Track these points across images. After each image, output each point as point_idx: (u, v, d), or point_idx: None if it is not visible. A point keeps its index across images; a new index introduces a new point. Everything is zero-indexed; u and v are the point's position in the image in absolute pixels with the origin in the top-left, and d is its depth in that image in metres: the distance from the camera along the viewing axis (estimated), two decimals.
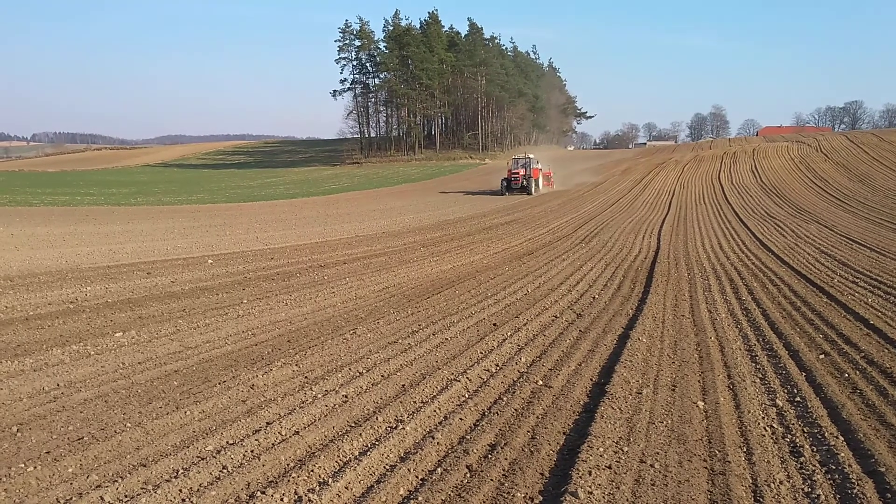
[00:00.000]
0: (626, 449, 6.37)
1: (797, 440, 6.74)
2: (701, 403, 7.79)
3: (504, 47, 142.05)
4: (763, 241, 24.60)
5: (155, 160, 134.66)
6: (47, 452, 6.30)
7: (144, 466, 5.94)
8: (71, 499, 5.38)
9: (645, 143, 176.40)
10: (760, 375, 8.94)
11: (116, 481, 5.63)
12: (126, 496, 5.41)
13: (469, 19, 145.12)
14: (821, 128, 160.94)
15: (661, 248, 22.92)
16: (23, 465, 5.99)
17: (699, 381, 8.65)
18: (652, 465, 6.08)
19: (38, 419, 7.15)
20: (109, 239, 23.49)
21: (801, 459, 6.29)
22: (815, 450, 6.51)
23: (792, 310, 12.92)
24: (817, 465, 6.19)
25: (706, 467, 6.12)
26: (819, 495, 5.60)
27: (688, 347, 10.27)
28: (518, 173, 54.64)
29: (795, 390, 8.27)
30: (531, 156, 58.52)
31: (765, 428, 7.09)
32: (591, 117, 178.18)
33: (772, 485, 5.78)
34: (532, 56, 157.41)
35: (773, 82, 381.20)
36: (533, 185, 54.19)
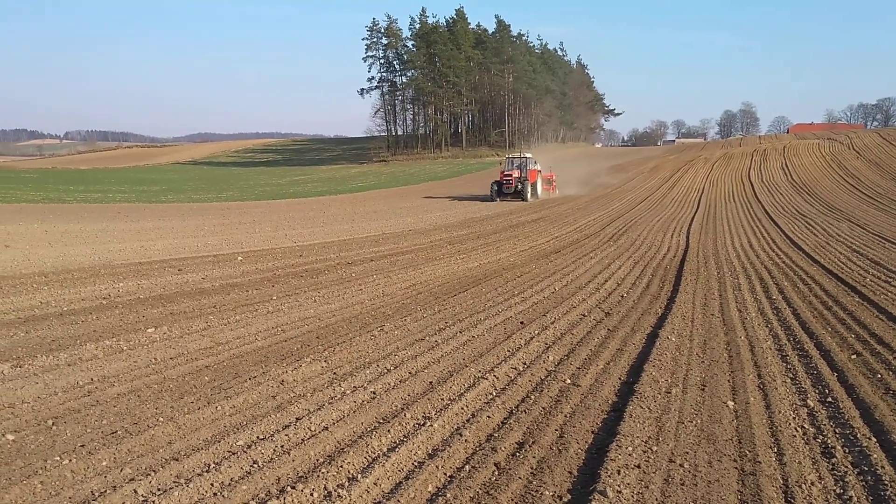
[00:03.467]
0: (655, 448, 6.34)
1: (829, 441, 6.66)
2: (731, 403, 7.72)
3: (531, 44, 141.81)
4: (794, 240, 24.30)
5: (185, 158, 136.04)
6: (82, 446, 6.40)
7: (177, 460, 6.02)
8: (105, 492, 5.45)
9: (674, 141, 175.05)
10: (791, 375, 8.84)
11: (149, 475, 5.71)
12: (159, 489, 5.48)
13: (496, 16, 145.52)
14: (853, 125, 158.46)
15: (690, 246, 22.73)
16: (58, 458, 6.09)
17: (729, 381, 8.58)
18: (681, 465, 6.04)
19: (73, 413, 7.27)
20: (141, 236, 23.79)
21: (833, 460, 6.22)
22: (847, 451, 6.43)
23: (823, 309, 12.75)
24: (849, 466, 6.11)
25: (736, 467, 6.07)
26: (851, 497, 5.54)
27: (717, 347, 10.18)
28: (511, 175, 46.96)
29: (827, 391, 8.17)
30: (528, 155, 51.03)
31: (796, 428, 7.02)
32: (619, 114, 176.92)
33: (803, 486, 5.73)
34: (560, 53, 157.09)
35: (804, 79, 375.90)
36: (529, 189, 46.52)
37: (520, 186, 46.32)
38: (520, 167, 47.99)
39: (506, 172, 47.57)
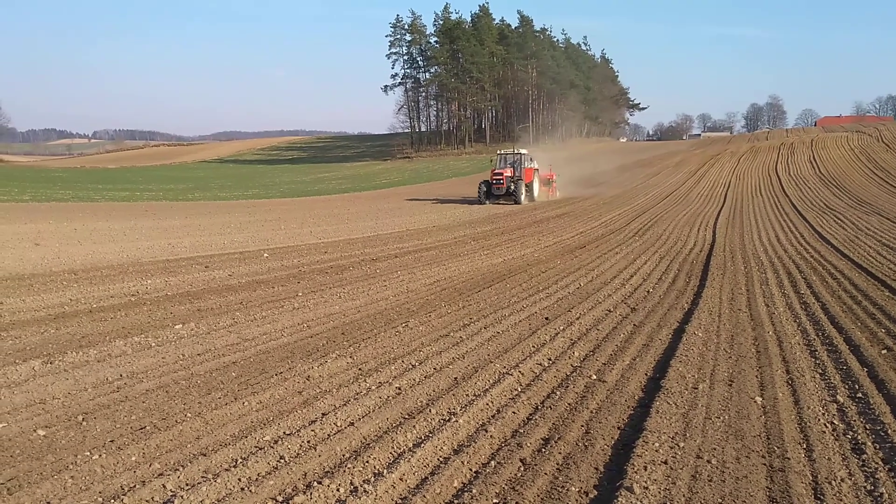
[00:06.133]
0: (682, 444, 6.29)
1: (859, 437, 6.57)
2: (759, 399, 7.65)
3: (555, 39, 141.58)
4: (822, 234, 24.04)
5: (211, 156, 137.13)
6: (111, 441, 6.47)
7: (204, 455, 6.07)
8: (134, 486, 5.51)
9: (699, 135, 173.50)
10: (820, 371, 8.74)
11: (178, 469, 5.76)
12: (187, 484, 5.53)
13: (519, 11, 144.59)
14: (882, 117, 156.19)
15: (716, 240, 22.55)
16: (88, 453, 6.16)
17: (757, 377, 8.49)
18: (709, 461, 5.99)
19: (102, 409, 7.34)
20: (168, 233, 24.02)
21: (864, 457, 6.13)
22: (877, 447, 6.34)
23: (853, 304, 12.59)
24: (880, 462, 6.03)
25: (765, 464, 6.01)
26: (882, 493, 5.46)
27: (745, 342, 10.08)
28: (502, 175, 40.32)
29: (857, 386, 8.06)
30: (524, 151, 44.04)
31: (825, 424, 6.93)
32: (644, 108, 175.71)
33: (833, 482, 5.66)
34: (584, 47, 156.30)
35: (832, 71, 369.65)
36: (523, 190, 40.34)
37: (512, 187, 40.30)
38: (513, 165, 41.90)
39: (496, 171, 41.16)
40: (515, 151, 43.82)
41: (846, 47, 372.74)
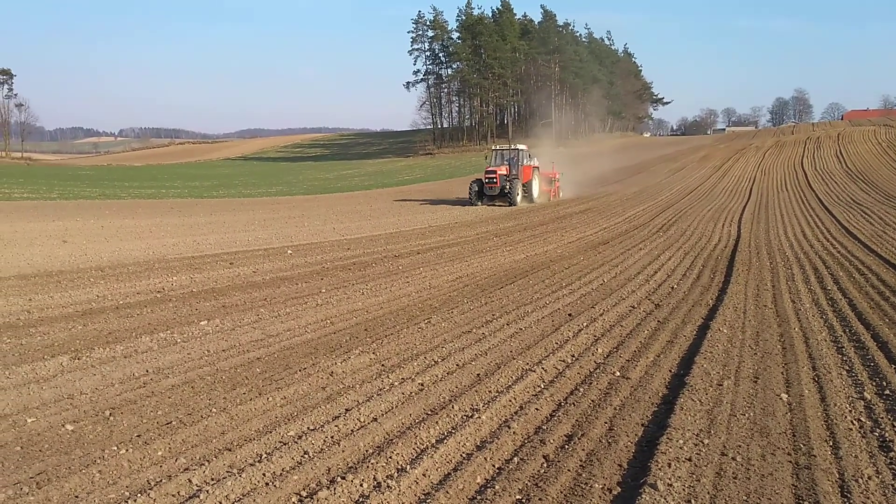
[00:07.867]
0: (706, 441, 6.25)
1: (886, 434, 6.49)
2: (785, 396, 7.58)
3: (578, 34, 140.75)
4: (849, 229, 23.73)
5: (235, 154, 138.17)
6: (138, 436, 6.54)
7: (230, 451, 6.12)
8: (161, 481, 5.57)
9: (724, 129, 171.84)
10: (847, 367, 8.63)
11: (203, 465, 5.81)
12: (213, 479, 5.58)
13: (542, 6, 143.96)
14: None
15: (741, 236, 22.36)
16: (115, 448, 6.23)
17: (783, 373, 8.41)
18: (734, 459, 5.94)
19: (129, 404, 7.43)
20: (193, 230, 24.23)
21: (891, 454, 6.06)
22: None
23: (880, 299, 12.43)
24: None
25: (790, 461, 5.95)
26: None
27: (770, 338, 9.98)
28: (495, 174, 36.05)
29: (884, 383, 7.96)
30: (521, 147, 39.02)
31: (852, 422, 6.85)
32: (667, 103, 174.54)
33: (860, 480, 5.59)
34: (607, 42, 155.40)
35: (859, 64, 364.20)
36: (518, 190, 36.12)
37: (507, 187, 36.08)
38: (509, 162, 37.61)
39: (490, 168, 36.95)
40: (512, 147, 39.39)
41: (873, 40, 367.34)
